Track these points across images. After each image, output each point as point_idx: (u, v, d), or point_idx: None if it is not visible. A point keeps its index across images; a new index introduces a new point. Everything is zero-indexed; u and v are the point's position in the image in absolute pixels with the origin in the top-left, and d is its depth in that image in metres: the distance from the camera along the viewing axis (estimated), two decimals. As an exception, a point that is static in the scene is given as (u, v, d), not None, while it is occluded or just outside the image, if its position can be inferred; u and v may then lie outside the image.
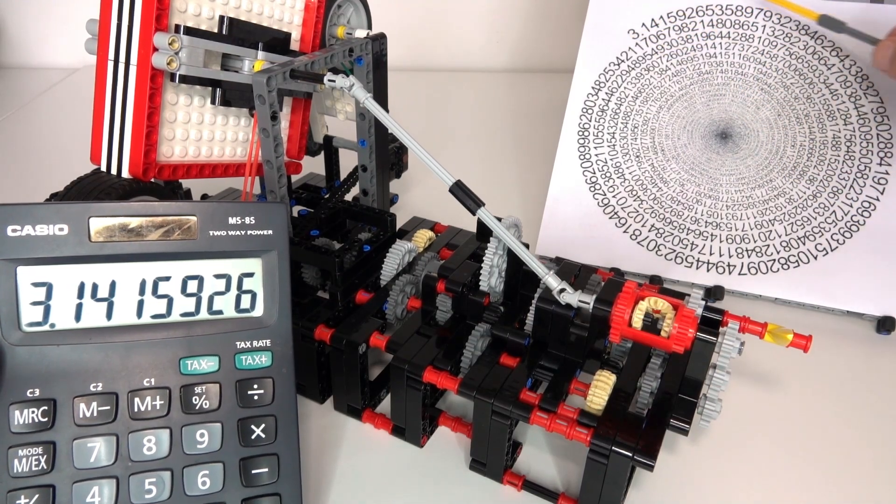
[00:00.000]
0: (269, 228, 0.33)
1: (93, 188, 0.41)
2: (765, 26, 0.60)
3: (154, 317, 0.32)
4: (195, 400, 0.32)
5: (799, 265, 0.53)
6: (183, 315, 0.33)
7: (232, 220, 0.33)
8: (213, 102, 0.44)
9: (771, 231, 0.55)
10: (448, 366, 0.39)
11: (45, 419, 0.30)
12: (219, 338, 0.33)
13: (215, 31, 0.42)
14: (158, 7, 0.39)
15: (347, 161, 0.56)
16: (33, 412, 0.30)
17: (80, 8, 1.06)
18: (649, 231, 0.57)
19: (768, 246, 0.54)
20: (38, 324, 0.31)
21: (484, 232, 0.46)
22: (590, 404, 0.36)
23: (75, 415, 0.30)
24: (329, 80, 0.40)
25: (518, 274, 0.43)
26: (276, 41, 0.46)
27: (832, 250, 0.53)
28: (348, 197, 0.54)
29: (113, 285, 0.32)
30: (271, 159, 0.42)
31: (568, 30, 1.06)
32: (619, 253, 0.57)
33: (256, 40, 0.44)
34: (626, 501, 0.38)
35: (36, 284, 0.30)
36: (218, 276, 0.33)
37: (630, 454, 0.33)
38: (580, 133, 0.61)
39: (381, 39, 0.49)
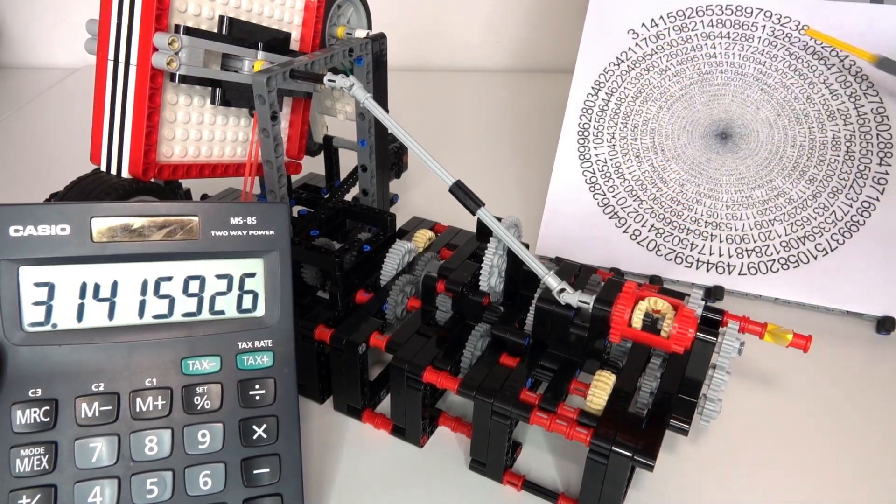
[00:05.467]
0: (271, 229, 0.34)
1: (93, 188, 0.41)
2: (765, 26, 0.60)
3: (156, 317, 0.32)
4: (197, 400, 0.32)
5: (799, 265, 0.54)
6: (184, 315, 0.33)
7: (233, 221, 0.33)
8: (212, 102, 0.44)
9: (771, 231, 0.55)
10: (448, 366, 0.39)
11: (47, 419, 0.30)
12: (220, 338, 0.33)
13: (215, 31, 0.42)
14: (158, 7, 0.39)
15: (347, 161, 0.56)
16: (35, 412, 0.30)
17: (80, 8, 1.06)
18: (649, 231, 0.57)
19: (768, 246, 0.54)
20: (41, 324, 0.31)
21: (484, 232, 0.46)
22: (590, 404, 0.36)
23: (77, 415, 0.30)
24: (329, 80, 0.40)
25: (518, 274, 0.43)
26: (276, 41, 0.46)
27: (832, 250, 0.53)
28: (348, 197, 0.54)
29: (115, 285, 0.32)
30: (271, 159, 0.42)
31: (568, 30, 1.06)
32: (619, 253, 0.57)
33: (256, 40, 0.44)
34: (626, 501, 0.38)
35: (38, 284, 0.30)
36: (219, 277, 0.33)
37: (630, 454, 0.33)
38: (580, 133, 0.61)
39: (380, 39, 0.49)
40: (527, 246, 0.40)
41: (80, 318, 0.31)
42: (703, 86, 0.60)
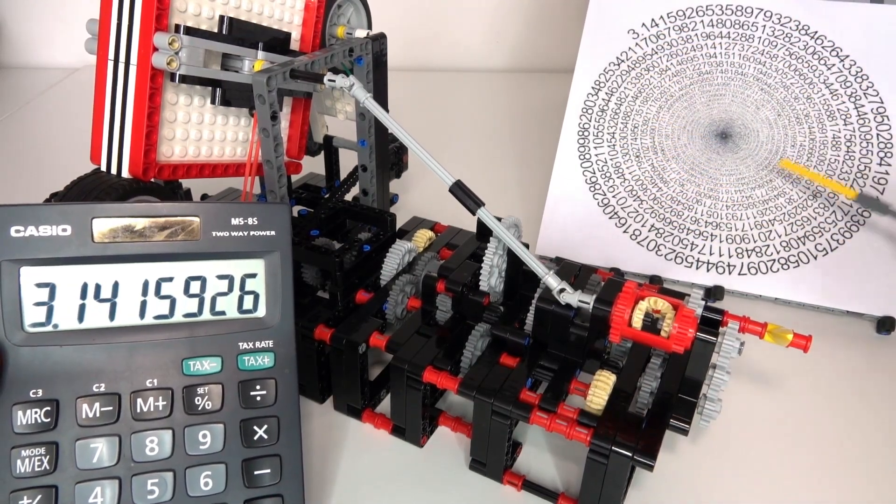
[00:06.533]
0: (272, 229, 0.34)
1: (93, 188, 0.41)
2: (765, 26, 0.60)
3: (157, 317, 0.32)
4: (198, 401, 0.32)
5: (799, 265, 0.54)
6: (185, 316, 0.33)
7: (234, 221, 0.33)
8: (213, 102, 0.44)
9: (771, 231, 0.55)
10: (448, 366, 0.39)
11: (48, 420, 0.30)
12: (221, 339, 0.33)
13: (215, 30, 0.42)
14: (158, 7, 0.39)
15: (347, 161, 0.56)
16: (36, 412, 0.30)
17: (80, 8, 1.06)
18: (649, 231, 0.57)
19: (768, 246, 0.54)
20: (42, 324, 0.31)
21: (484, 232, 0.46)
22: (590, 404, 0.36)
23: (78, 415, 0.30)
24: (329, 80, 0.40)
25: (518, 274, 0.43)
26: (276, 41, 0.46)
27: (832, 250, 0.53)
28: (348, 197, 0.54)
29: (116, 286, 0.32)
30: (271, 159, 0.42)
31: (568, 30, 1.06)
32: (619, 253, 0.57)
33: (256, 40, 0.44)
34: (626, 501, 0.38)
35: (39, 285, 0.30)
36: (220, 277, 0.33)
37: (630, 454, 0.33)
38: (580, 133, 0.61)
39: (381, 39, 0.49)
40: (527, 246, 0.40)
41: (81, 318, 0.31)
42: (704, 86, 0.60)
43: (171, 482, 0.31)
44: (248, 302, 0.34)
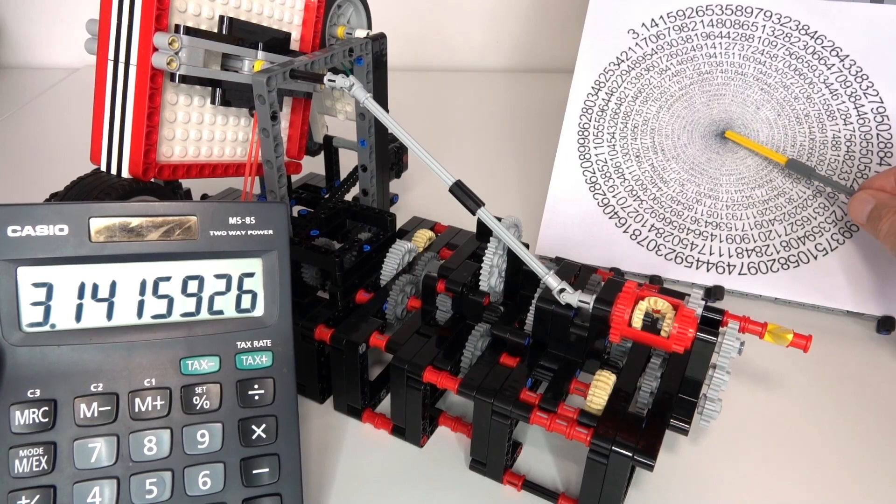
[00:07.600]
0: (270, 228, 0.33)
1: (93, 188, 0.41)
2: (765, 26, 0.60)
3: (154, 317, 0.32)
4: (196, 400, 0.32)
5: (799, 265, 0.53)
6: (183, 315, 0.33)
7: (232, 220, 0.33)
8: (213, 102, 0.44)
9: (771, 231, 0.55)
10: (448, 366, 0.39)
11: (46, 419, 0.30)
12: (219, 338, 0.33)
13: (215, 31, 0.42)
14: (158, 7, 0.39)
15: (347, 161, 0.56)
16: (34, 412, 0.30)
17: (80, 8, 1.06)
18: (649, 231, 0.57)
19: (768, 246, 0.54)
20: (39, 324, 0.31)
21: (484, 232, 0.46)
22: (590, 404, 0.36)
23: (76, 415, 0.30)
24: (329, 80, 0.40)
25: (518, 274, 0.43)
26: (276, 41, 0.46)
27: (832, 250, 0.53)
28: (348, 197, 0.54)
29: (113, 286, 0.32)
30: (271, 159, 0.42)
31: (568, 30, 1.06)
32: (619, 253, 0.57)
33: (256, 40, 0.44)
34: (626, 501, 0.38)
35: (36, 285, 0.30)
36: (218, 276, 0.33)
37: (630, 454, 0.33)
38: (580, 133, 0.61)
39: (380, 39, 0.49)
40: (527, 246, 0.40)
41: (78, 318, 0.31)
42: (703, 85, 0.60)
43: (170, 482, 0.31)
44: (246, 301, 0.34)
